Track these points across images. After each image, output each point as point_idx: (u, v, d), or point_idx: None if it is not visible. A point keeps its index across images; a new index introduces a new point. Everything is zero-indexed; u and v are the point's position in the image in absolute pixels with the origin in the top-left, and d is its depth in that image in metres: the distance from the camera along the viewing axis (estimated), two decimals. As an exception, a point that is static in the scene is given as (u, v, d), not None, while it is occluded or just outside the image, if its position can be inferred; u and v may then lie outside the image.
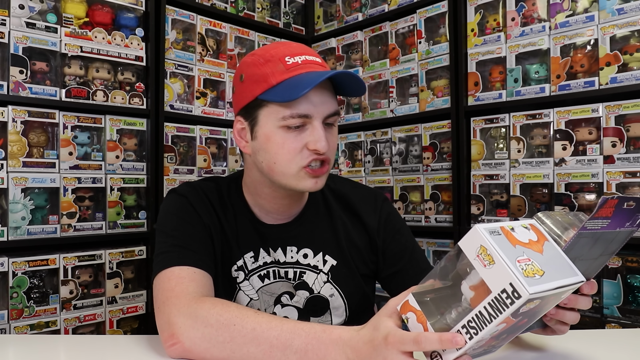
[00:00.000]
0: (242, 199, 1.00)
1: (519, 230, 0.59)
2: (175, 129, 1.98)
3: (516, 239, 0.57)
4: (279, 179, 0.90)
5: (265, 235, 0.99)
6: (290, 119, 0.85)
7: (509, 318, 0.54)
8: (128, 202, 1.85)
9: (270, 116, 0.87)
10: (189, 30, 2.04)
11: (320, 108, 0.87)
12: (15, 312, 1.53)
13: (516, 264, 0.53)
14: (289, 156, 0.87)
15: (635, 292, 1.50)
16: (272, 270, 0.98)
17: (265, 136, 0.88)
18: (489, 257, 0.54)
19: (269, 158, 0.89)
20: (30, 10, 1.61)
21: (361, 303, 1.03)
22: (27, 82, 1.60)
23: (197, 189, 0.99)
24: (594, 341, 0.89)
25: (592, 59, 1.63)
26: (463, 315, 0.56)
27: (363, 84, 0.91)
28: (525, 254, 0.56)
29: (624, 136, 1.55)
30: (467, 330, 0.56)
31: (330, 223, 1.02)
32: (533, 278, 0.53)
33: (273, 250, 0.99)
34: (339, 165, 2.35)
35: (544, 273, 0.55)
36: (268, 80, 0.86)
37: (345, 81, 0.90)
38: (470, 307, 0.55)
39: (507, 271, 0.53)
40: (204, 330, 0.74)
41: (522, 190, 1.75)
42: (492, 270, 0.54)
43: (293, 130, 0.86)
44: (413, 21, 2.08)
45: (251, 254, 0.98)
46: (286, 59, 0.87)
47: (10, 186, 1.55)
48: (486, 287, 0.54)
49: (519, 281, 0.52)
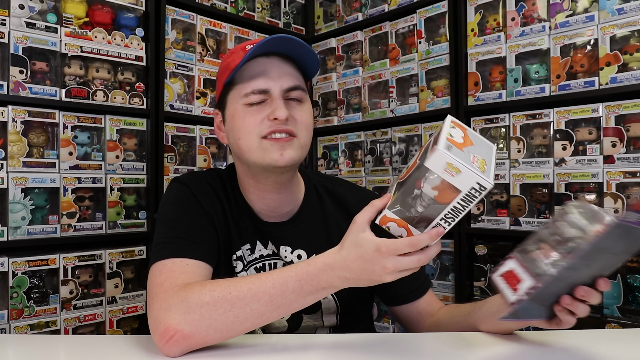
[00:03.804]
0: (240, 193, 1.01)
1: (454, 133, 0.71)
2: (175, 129, 1.98)
3: (458, 143, 0.69)
4: (248, 155, 0.92)
5: (262, 230, 1.00)
6: (251, 95, 0.91)
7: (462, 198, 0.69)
8: (128, 202, 1.85)
9: (234, 97, 0.93)
10: (189, 30, 2.04)
11: (278, 82, 0.91)
12: (15, 312, 1.53)
13: (473, 165, 0.66)
14: (250, 127, 0.90)
15: (635, 292, 1.50)
16: (269, 263, 0.99)
17: (231, 115, 0.94)
18: (456, 169, 0.66)
19: (234, 135, 0.93)
20: (30, 10, 1.61)
21: (354, 305, 1.03)
22: (27, 82, 1.60)
23: (200, 177, 1.00)
24: (594, 341, 0.89)
25: (592, 59, 1.63)
26: (431, 209, 0.69)
27: (312, 52, 0.95)
28: (470, 152, 0.68)
29: (624, 136, 1.55)
30: (445, 221, 0.70)
31: (324, 225, 1.03)
32: (486, 171, 0.67)
33: (271, 243, 1.00)
34: (339, 165, 2.36)
35: (486, 161, 0.69)
36: (230, 66, 0.93)
37: (303, 56, 0.94)
38: (437, 202, 0.69)
39: (473, 175, 0.66)
40: (200, 310, 0.75)
41: (522, 190, 1.75)
42: (460, 177, 0.66)
43: (255, 106, 0.91)
44: (413, 21, 2.08)
45: (248, 246, 0.99)
46: (246, 47, 0.93)
47: (10, 186, 1.55)
48: (454, 187, 0.67)
49: (482, 178, 0.66)
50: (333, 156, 2.41)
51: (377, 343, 0.88)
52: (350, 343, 0.89)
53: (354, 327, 1.05)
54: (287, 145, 0.90)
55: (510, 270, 0.72)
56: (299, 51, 0.94)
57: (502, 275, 0.72)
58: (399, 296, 1.04)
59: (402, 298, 1.04)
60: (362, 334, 1.02)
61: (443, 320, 1.00)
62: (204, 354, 0.78)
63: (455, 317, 0.97)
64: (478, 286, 1.87)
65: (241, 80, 0.92)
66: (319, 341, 0.92)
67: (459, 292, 1.90)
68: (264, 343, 0.88)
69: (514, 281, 0.70)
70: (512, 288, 0.71)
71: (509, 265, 0.72)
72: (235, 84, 0.93)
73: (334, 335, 1.00)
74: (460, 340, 0.88)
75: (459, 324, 0.94)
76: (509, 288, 0.71)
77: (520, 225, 1.74)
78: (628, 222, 0.63)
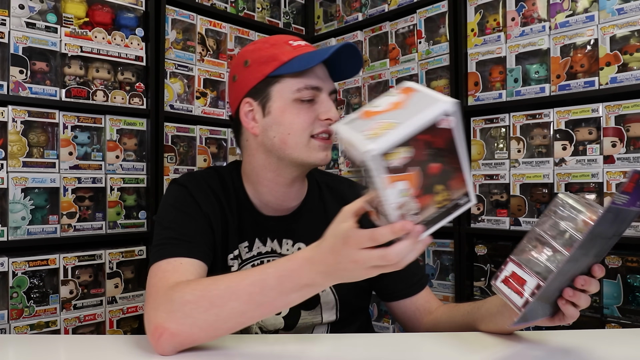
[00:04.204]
0: (242, 189, 1.02)
1: (382, 101, 0.63)
2: (175, 129, 1.98)
3: (374, 112, 0.61)
4: (291, 152, 0.93)
5: (262, 226, 1.00)
6: (304, 90, 0.92)
7: (388, 178, 0.57)
8: (128, 202, 1.85)
9: (283, 90, 0.93)
10: (189, 30, 2.04)
11: (326, 82, 0.95)
12: (15, 312, 1.53)
13: (362, 134, 0.57)
14: (304, 125, 0.92)
15: (635, 292, 1.50)
16: (267, 260, 0.99)
17: (280, 109, 0.93)
18: (349, 142, 0.60)
19: (282, 130, 0.93)
20: (30, 10, 1.61)
21: (354, 300, 1.04)
22: (27, 82, 1.60)
23: (198, 178, 1.01)
24: (594, 341, 0.89)
25: (592, 59, 1.63)
26: (379, 196, 0.59)
27: (361, 60, 0.98)
28: (381, 118, 0.59)
29: (624, 136, 1.55)
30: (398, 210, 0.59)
31: (325, 220, 1.02)
32: (379, 136, 0.56)
33: (270, 240, 1.00)
34: (339, 165, 2.35)
35: (398, 124, 0.56)
36: (279, 58, 0.92)
37: (341, 62, 0.96)
38: (375, 185, 0.59)
39: (357, 144, 0.56)
40: (183, 308, 0.75)
41: (522, 190, 1.75)
42: (354, 152, 0.58)
43: (305, 102, 0.93)
44: (413, 21, 2.08)
45: (246, 243, 1.00)
46: (290, 42, 0.95)
47: (10, 186, 1.55)
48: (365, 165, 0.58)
49: (363, 145, 0.55)
50: (333, 156, 2.41)
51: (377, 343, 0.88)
52: (350, 343, 0.89)
53: (352, 324, 1.05)
54: (329, 147, 0.96)
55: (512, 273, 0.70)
56: (351, 69, 0.99)
57: (504, 281, 0.70)
58: (395, 291, 1.05)
59: (397, 294, 1.05)
60: (362, 334, 1.02)
61: (441, 320, 1.00)
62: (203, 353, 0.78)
63: (454, 316, 0.97)
64: (478, 286, 1.87)
65: (295, 69, 0.91)
66: (317, 341, 0.92)
67: (459, 292, 1.90)
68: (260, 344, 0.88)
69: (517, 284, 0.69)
70: (517, 292, 0.68)
71: (509, 269, 0.70)
72: (283, 76, 0.93)
73: (333, 336, 1.00)
74: (460, 340, 0.88)
75: (457, 324, 0.94)
76: (514, 292, 0.69)
77: (520, 225, 1.74)
78: (617, 205, 0.63)
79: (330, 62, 0.96)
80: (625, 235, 1.47)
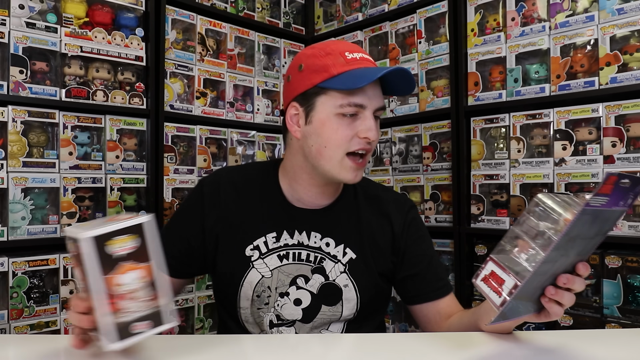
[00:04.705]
0: (276, 182, 1.06)
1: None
2: (175, 129, 1.98)
3: None
4: (324, 164, 0.96)
5: (292, 217, 1.03)
6: (347, 106, 0.93)
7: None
8: (128, 202, 1.85)
9: (327, 103, 0.94)
10: (189, 30, 2.04)
11: (373, 100, 0.95)
12: (15, 312, 1.53)
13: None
14: (341, 141, 0.94)
15: (635, 292, 1.50)
16: (293, 252, 1.02)
17: (321, 121, 0.95)
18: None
19: (320, 142, 0.95)
20: (30, 10, 1.61)
21: (374, 300, 1.06)
22: (27, 82, 1.60)
23: (221, 175, 1.07)
24: (594, 341, 0.89)
25: (592, 59, 1.63)
26: None
27: (413, 83, 0.99)
28: None
29: (624, 136, 1.55)
30: None
31: (356, 219, 1.07)
32: (89, 227, 0.65)
33: (298, 232, 1.03)
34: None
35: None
36: (329, 70, 0.93)
37: (394, 80, 0.97)
38: None
39: None
40: None
41: (522, 190, 1.75)
42: None
43: (347, 118, 0.94)
44: (413, 21, 2.08)
45: (274, 234, 1.02)
46: (346, 54, 0.95)
47: (10, 186, 1.55)
48: None
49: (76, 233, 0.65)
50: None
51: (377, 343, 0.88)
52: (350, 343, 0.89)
53: (369, 324, 1.06)
54: (361, 169, 0.97)
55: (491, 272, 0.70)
56: (404, 88, 0.99)
57: (484, 280, 0.71)
58: (420, 294, 1.06)
59: (423, 297, 1.05)
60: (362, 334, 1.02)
61: (454, 321, 1.01)
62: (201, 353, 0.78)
63: (463, 317, 0.99)
64: (478, 286, 1.87)
65: (342, 86, 0.92)
66: (317, 341, 0.92)
67: (459, 292, 1.90)
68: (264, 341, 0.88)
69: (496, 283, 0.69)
70: (495, 291, 0.69)
71: (489, 267, 0.71)
72: (330, 89, 0.93)
73: (332, 335, 1.00)
74: (459, 340, 0.87)
75: (464, 325, 0.96)
76: (493, 291, 0.69)
77: (520, 225, 1.74)
78: (593, 207, 0.63)
79: (384, 78, 0.96)
80: (625, 235, 1.48)
